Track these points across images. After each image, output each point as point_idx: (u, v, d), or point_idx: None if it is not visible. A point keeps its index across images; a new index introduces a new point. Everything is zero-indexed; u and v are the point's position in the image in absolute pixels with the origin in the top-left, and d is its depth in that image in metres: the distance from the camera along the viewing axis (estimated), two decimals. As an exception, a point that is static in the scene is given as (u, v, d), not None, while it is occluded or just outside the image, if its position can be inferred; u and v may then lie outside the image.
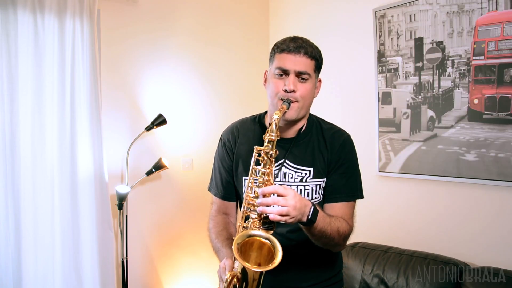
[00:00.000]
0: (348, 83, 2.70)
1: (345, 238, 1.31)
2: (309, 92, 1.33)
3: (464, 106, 2.13)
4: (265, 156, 1.20)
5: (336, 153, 1.36)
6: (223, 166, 1.47)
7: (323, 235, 1.22)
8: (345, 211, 1.34)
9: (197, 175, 2.84)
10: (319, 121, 1.45)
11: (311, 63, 1.31)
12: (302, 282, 1.39)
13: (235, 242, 1.12)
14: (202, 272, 2.88)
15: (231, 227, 1.47)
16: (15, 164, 2.11)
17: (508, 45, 1.95)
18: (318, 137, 1.39)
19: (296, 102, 1.30)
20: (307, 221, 1.15)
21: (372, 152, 2.51)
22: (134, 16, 2.62)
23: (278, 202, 1.10)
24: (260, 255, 1.15)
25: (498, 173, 1.99)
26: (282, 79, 1.31)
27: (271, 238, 1.14)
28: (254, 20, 3.19)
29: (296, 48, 1.30)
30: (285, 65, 1.30)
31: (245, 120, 1.50)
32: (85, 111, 2.28)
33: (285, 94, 1.29)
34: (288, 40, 1.33)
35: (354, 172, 1.39)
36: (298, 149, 1.38)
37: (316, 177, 1.36)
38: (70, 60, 2.23)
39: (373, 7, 2.50)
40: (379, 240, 2.39)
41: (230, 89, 3.03)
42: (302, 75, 1.30)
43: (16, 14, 2.08)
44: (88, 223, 2.27)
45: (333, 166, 1.36)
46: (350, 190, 1.36)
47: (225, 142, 1.48)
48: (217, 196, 1.50)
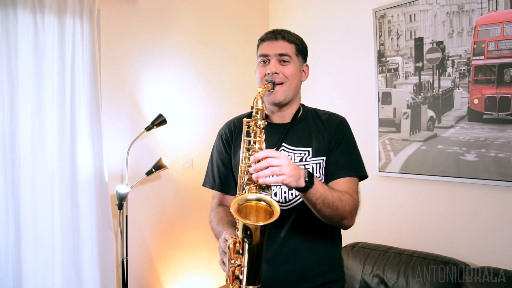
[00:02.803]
0: (348, 83, 2.70)
1: (351, 210, 1.29)
2: (293, 73, 1.38)
3: (464, 106, 2.13)
4: (254, 126, 1.23)
5: (334, 132, 1.39)
6: (220, 160, 1.49)
7: (325, 203, 1.20)
8: (349, 186, 1.34)
9: (197, 175, 2.84)
10: (314, 109, 1.50)
11: (290, 46, 1.39)
12: (308, 271, 1.38)
13: (234, 203, 1.12)
14: (202, 272, 2.88)
15: (231, 215, 1.47)
16: (15, 164, 2.10)
17: (508, 45, 1.95)
18: (315, 121, 1.44)
19: (282, 84, 1.36)
20: (305, 185, 1.15)
21: (372, 152, 2.51)
22: (134, 16, 2.62)
23: (271, 162, 1.11)
24: (258, 217, 1.14)
25: (498, 173, 1.99)
26: (266, 66, 1.39)
27: (266, 199, 1.14)
28: (254, 20, 3.19)
29: (274, 35, 1.39)
30: (265, 51, 1.39)
31: (242, 115, 1.54)
32: (85, 111, 2.27)
33: (269, 76, 1.36)
34: (267, 32, 1.43)
35: (354, 149, 1.41)
36: (295, 132, 1.41)
37: (315, 156, 1.37)
38: (70, 60, 2.23)
39: (373, 7, 2.50)
40: (379, 240, 2.39)
41: (230, 89, 3.03)
42: (282, 57, 1.37)
43: (16, 14, 2.08)
44: (88, 223, 2.27)
45: (333, 145, 1.38)
46: (353, 165, 1.38)
47: (223, 135, 1.51)
48: (215, 189, 1.51)
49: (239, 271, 1.13)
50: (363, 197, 1.41)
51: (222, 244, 1.21)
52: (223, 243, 1.20)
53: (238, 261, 1.13)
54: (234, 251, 1.13)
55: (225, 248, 1.18)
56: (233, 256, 1.13)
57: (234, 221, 1.41)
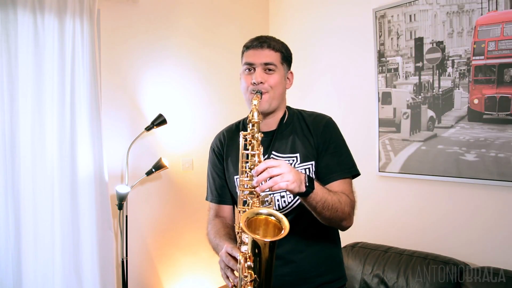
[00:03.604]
0: (348, 83, 2.70)
1: (350, 211, 1.30)
2: (278, 82, 1.38)
3: (464, 106, 2.13)
4: (252, 139, 1.24)
5: (321, 135, 1.39)
6: (215, 172, 1.52)
7: (325, 206, 1.21)
8: (344, 188, 1.35)
9: (197, 175, 2.84)
10: (300, 112, 1.50)
11: (276, 55, 1.38)
12: (305, 273, 1.38)
13: (243, 217, 1.11)
14: (202, 272, 2.88)
15: (229, 227, 1.47)
16: (15, 164, 2.10)
17: (508, 45, 1.95)
18: (300, 125, 1.44)
19: (267, 93, 1.36)
20: (306, 189, 1.15)
21: (372, 152, 2.51)
22: (134, 16, 2.62)
23: (273, 172, 1.11)
24: (267, 232, 1.14)
25: (498, 173, 1.99)
26: (251, 74, 1.37)
27: (277, 214, 1.14)
28: (254, 21, 3.19)
29: (260, 43, 1.38)
30: (251, 60, 1.37)
31: (230, 127, 1.56)
32: (85, 111, 2.27)
33: (255, 86, 1.35)
34: (253, 39, 1.41)
35: (343, 149, 1.41)
36: (282, 139, 1.41)
37: (303, 161, 1.38)
38: (70, 60, 2.23)
39: (373, 7, 2.50)
40: (379, 240, 2.39)
41: (230, 89, 3.03)
42: (268, 65, 1.36)
43: (16, 14, 2.08)
44: (88, 223, 2.27)
45: (321, 148, 1.38)
46: (345, 166, 1.38)
47: (214, 148, 1.54)
48: (213, 202, 1.54)
49: (252, 286, 1.13)
50: (363, 197, 1.41)
51: (224, 258, 1.21)
52: (225, 257, 1.21)
53: (249, 276, 1.13)
54: (245, 266, 1.12)
55: (229, 262, 1.19)
56: (247, 272, 1.12)
57: (231, 233, 1.41)
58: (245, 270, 1.12)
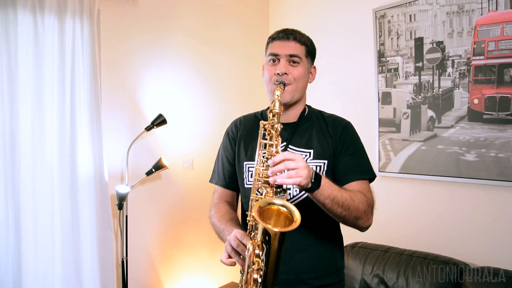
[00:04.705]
0: (348, 83, 2.71)
1: (366, 209, 1.29)
2: (302, 75, 1.39)
3: (464, 106, 2.13)
4: (271, 129, 1.24)
5: (340, 137, 1.40)
6: (226, 157, 1.52)
7: (335, 202, 1.21)
8: (361, 187, 1.36)
9: (197, 175, 2.84)
10: (320, 111, 1.51)
11: (301, 48, 1.39)
12: (302, 274, 1.38)
13: (256, 205, 1.10)
14: (202, 272, 2.88)
15: (233, 212, 1.47)
16: (15, 164, 2.10)
17: (508, 45, 1.95)
18: (319, 123, 1.45)
19: (290, 84, 1.36)
20: (311, 186, 1.15)
21: (372, 152, 2.51)
22: (134, 16, 2.62)
23: (289, 165, 1.12)
24: (277, 223, 1.14)
25: (498, 173, 1.99)
26: (275, 65, 1.38)
27: (290, 206, 1.13)
28: (254, 20, 3.19)
29: (286, 35, 1.38)
30: (276, 50, 1.38)
31: (249, 114, 1.57)
32: (85, 111, 2.27)
33: (278, 77, 1.35)
34: (279, 30, 1.42)
35: (362, 151, 1.43)
36: (300, 132, 1.42)
37: (316, 158, 1.38)
38: (70, 60, 2.22)
39: (373, 7, 2.50)
40: (379, 240, 2.39)
41: (230, 89, 3.03)
42: (292, 57, 1.37)
43: (16, 14, 2.08)
44: (88, 223, 2.27)
45: (340, 149, 1.39)
46: (363, 168, 1.39)
47: (229, 132, 1.54)
48: (218, 185, 1.53)
49: (258, 275, 1.12)
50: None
51: (233, 242, 1.20)
52: (234, 241, 1.20)
53: (257, 265, 1.12)
54: (254, 255, 1.12)
55: (237, 247, 1.19)
56: (255, 260, 1.12)
57: (236, 219, 1.41)
58: (253, 257, 1.12)
